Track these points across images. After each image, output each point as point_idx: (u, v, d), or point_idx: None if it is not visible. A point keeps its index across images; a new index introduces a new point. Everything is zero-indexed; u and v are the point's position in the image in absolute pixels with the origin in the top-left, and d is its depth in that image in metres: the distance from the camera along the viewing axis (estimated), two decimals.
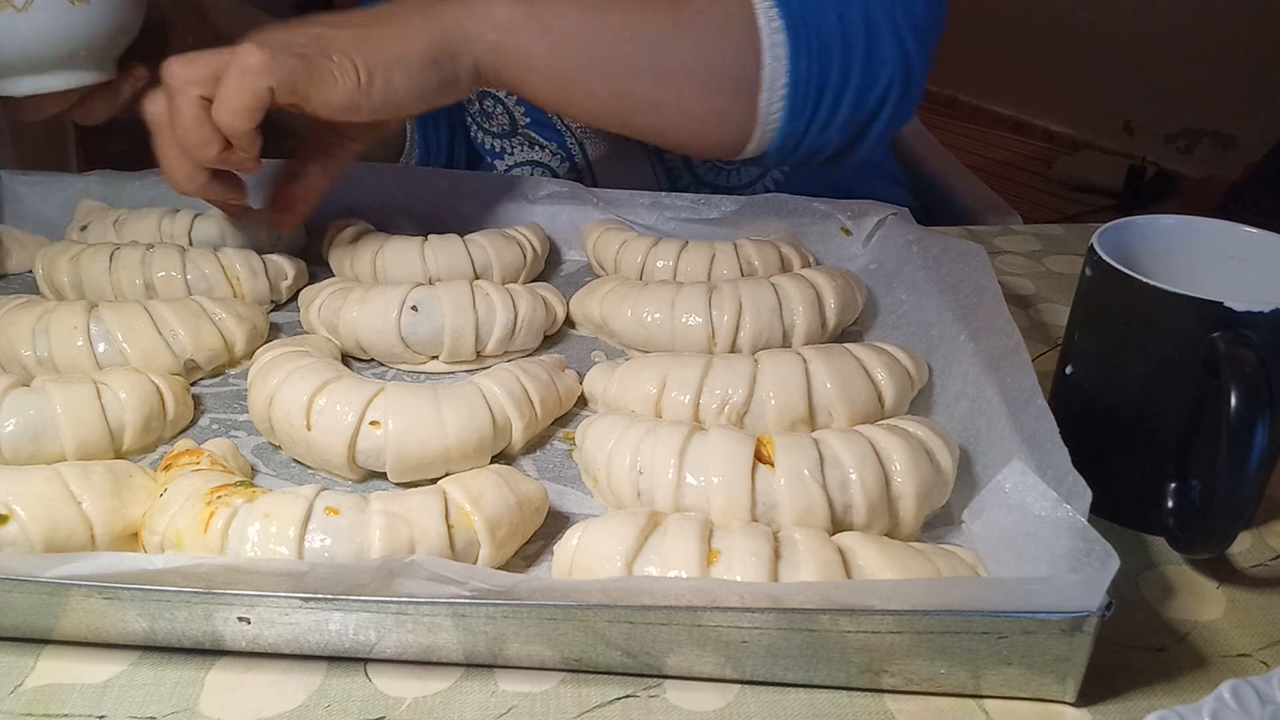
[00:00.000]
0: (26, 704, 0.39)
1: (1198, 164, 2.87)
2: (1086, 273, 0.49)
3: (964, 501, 0.47)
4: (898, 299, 0.64)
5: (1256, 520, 0.50)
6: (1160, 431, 0.47)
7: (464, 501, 0.44)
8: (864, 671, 0.39)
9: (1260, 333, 0.43)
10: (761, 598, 0.37)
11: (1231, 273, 0.50)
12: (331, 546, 0.42)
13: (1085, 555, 0.38)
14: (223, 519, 0.42)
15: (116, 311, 0.59)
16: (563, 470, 0.53)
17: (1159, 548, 0.49)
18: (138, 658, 0.42)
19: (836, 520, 0.45)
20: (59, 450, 0.51)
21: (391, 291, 0.61)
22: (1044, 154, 3.17)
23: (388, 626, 0.39)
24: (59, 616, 0.40)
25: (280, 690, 0.40)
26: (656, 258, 0.68)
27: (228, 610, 0.39)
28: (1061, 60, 3.16)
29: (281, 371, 0.53)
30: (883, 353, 0.55)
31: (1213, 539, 0.44)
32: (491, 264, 0.68)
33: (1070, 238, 0.83)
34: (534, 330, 0.63)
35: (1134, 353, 0.47)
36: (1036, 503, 0.41)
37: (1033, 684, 0.39)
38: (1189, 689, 0.41)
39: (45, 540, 0.43)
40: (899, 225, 0.69)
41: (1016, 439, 0.46)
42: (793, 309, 0.61)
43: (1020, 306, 0.71)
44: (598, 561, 0.41)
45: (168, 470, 0.47)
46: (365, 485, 0.52)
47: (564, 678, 0.41)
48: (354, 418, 0.50)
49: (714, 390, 0.53)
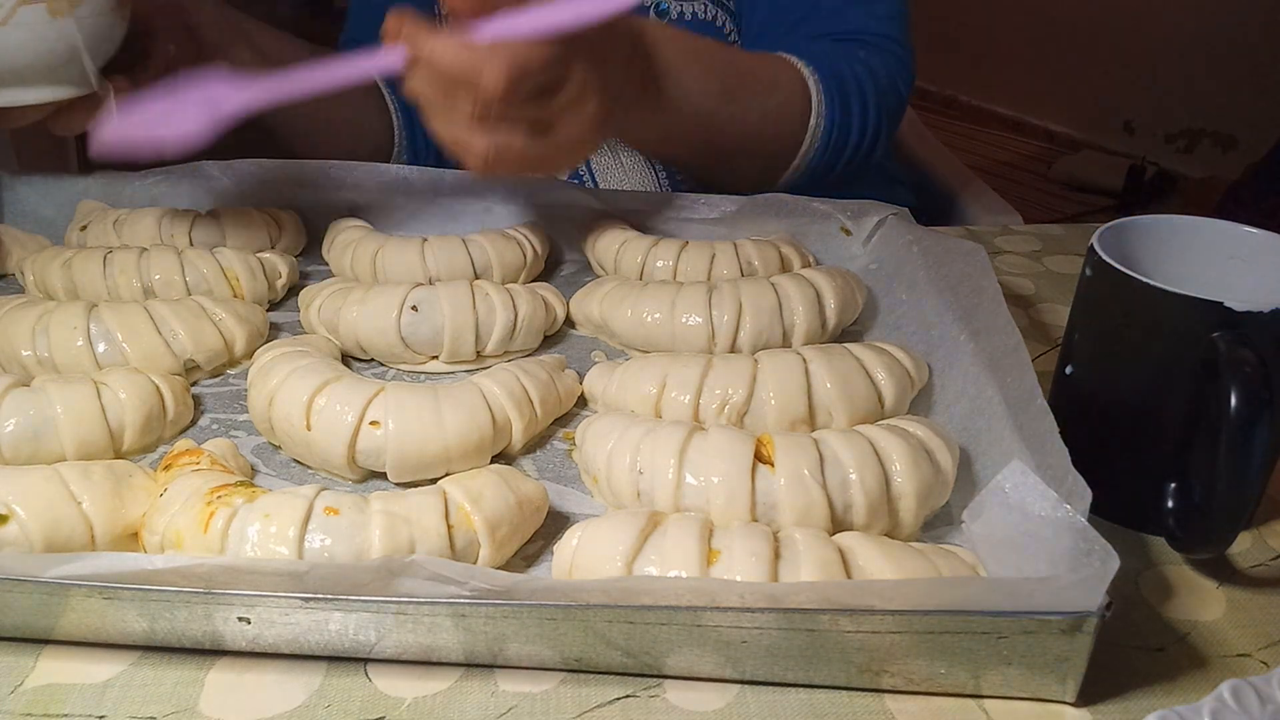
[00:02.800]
0: (26, 704, 0.39)
1: (1198, 164, 2.87)
2: (1086, 273, 0.49)
3: (964, 501, 0.47)
4: (898, 299, 0.64)
5: (1256, 520, 0.50)
6: (1160, 431, 0.47)
7: (464, 501, 0.44)
8: (864, 671, 0.39)
9: (1260, 333, 0.43)
10: (761, 598, 0.37)
11: (1231, 273, 0.50)
12: (331, 546, 0.42)
13: (1085, 555, 0.38)
14: (223, 519, 0.42)
15: (116, 311, 0.59)
16: (563, 470, 0.53)
17: (1159, 548, 0.49)
18: (138, 658, 0.42)
19: (836, 520, 0.45)
20: (59, 450, 0.51)
21: (391, 291, 0.61)
22: (1044, 154, 3.17)
23: (388, 626, 0.39)
24: (59, 616, 0.40)
25: (280, 690, 0.40)
26: (656, 258, 0.68)
27: (228, 610, 0.39)
28: (1061, 60, 3.16)
29: (281, 371, 0.53)
30: (883, 353, 0.55)
31: (1213, 539, 0.44)
32: (491, 264, 0.68)
33: (1070, 238, 0.83)
34: (534, 330, 0.63)
35: (1134, 353, 0.47)
36: (1036, 503, 0.41)
37: (1033, 684, 0.39)
38: (1189, 689, 0.41)
39: (45, 540, 0.43)
40: (899, 225, 0.69)
41: (1016, 439, 0.46)
42: (793, 309, 0.61)
43: (1020, 306, 0.71)
44: (598, 561, 0.41)
45: (168, 470, 0.47)
46: (365, 485, 0.52)
47: (564, 678, 0.41)
48: (354, 418, 0.50)
49: (714, 390, 0.53)
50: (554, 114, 0.57)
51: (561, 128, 0.58)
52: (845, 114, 0.78)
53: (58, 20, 0.59)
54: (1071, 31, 3.09)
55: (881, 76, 0.80)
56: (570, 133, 0.58)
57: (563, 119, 0.58)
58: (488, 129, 0.55)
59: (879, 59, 0.81)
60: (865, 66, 0.80)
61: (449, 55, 0.53)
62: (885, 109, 0.80)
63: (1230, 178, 2.34)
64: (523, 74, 0.53)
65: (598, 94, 0.58)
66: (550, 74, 0.55)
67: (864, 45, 0.81)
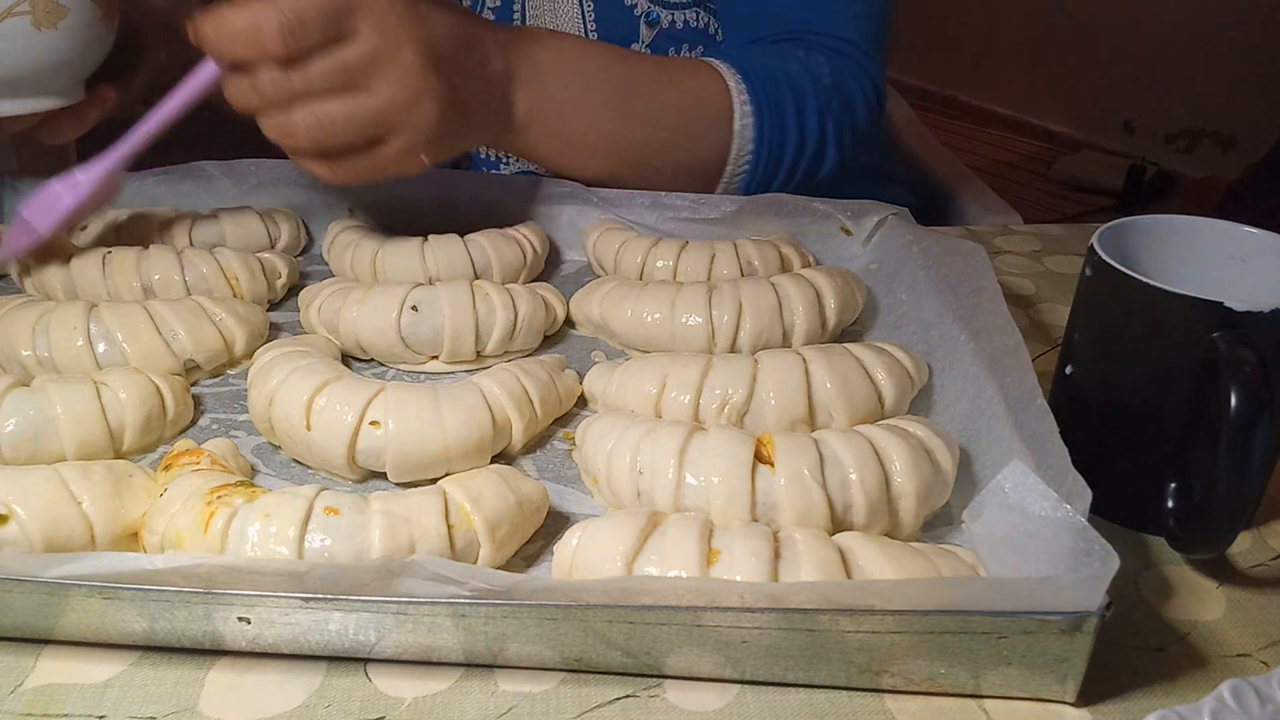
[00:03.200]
0: (26, 704, 0.39)
1: (1198, 164, 2.87)
2: (1086, 273, 0.49)
3: (964, 501, 0.47)
4: (898, 299, 0.64)
5: (1256, 520, 0.50)
6: (1160, 431, 0.47)
7: (464, 501, 0.44)
8: (864, 671, 0.39)
9: (1260, 333, 0.43)
10: (761, 598, 0.37)
11: (1231, 273, 0.50)
12: (331, 546, 0.42)
13: (1085, 555, 0.38)
14: (223, 519, 0.42)
15: (116, 311, 0.58)
16: (563, 470, 0.53)
17: (1159, 548, 0.49)
18: (138, 658, 0.42)
19: (836, 520, 0.45)
20: (59, 450, 0.51)
21: (391, 291, 0.61)
22: (1044, 154, 3.17)
23: (388, 626, 0.39)
24: (59, 616, 0.40)
25: (280, 690, 0.40)
26: (656, 258, 0.68)
27: (228, 610, 0.39)
28: (1061, 60, 3.15)
29: (281, 371, 0.53)
30: (883, 353, 0.55)
31: (1213, 539, 0.44)
32: (491, 264, 0.68)
33: (1070, 238, 0.83)
34: (534, 330, 0.63)
35: (1134, 353, 0.47)
36: (1036, 503, 0.41)
37: (1033, 684, 0.39)
38: (1189, 689, 0.41)
39: (45, 540, 0.43)
40: (899, 225, 0.69)
41: (1016, 439, 0.46)
42: (793, 309, 0.61)
43: (1020, 306, 0.71)
44: (598, 561, 0.41)
45: (168, 470, 0.47)
46: (365, 485, 0.52)
47: (564, 678, 0.41)
48: (354, 418, 0.50)
49: (714, 390, 0.53)
50: (358, 67, 0.56)
51: (377, 85, 0.57)
52: (778, 113, 0.74)
53: (43, 32, 0.58)
54: (1071, 31, 3.09)
55: (824, 75, 0.76)
56: (393, 93, 0.57)
57: (374, 74, 0.56)
58: (297, 97, 0.55)
59: (823, 57, 0.77)
60: (801, 65, 0.75)
61: (224, 21, 0.54)
62: (830, 115, 0.76)
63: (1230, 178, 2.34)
64: (297, 19, 0.53)
65: (411, 45, 0.57)
66: (329, 19, 0.54)
67: (805, 45, 0.77)
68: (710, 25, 0.83)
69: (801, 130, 0.75)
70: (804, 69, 0.75)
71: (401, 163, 0.61)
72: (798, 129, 0.75)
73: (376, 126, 0.58)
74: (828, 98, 0.76)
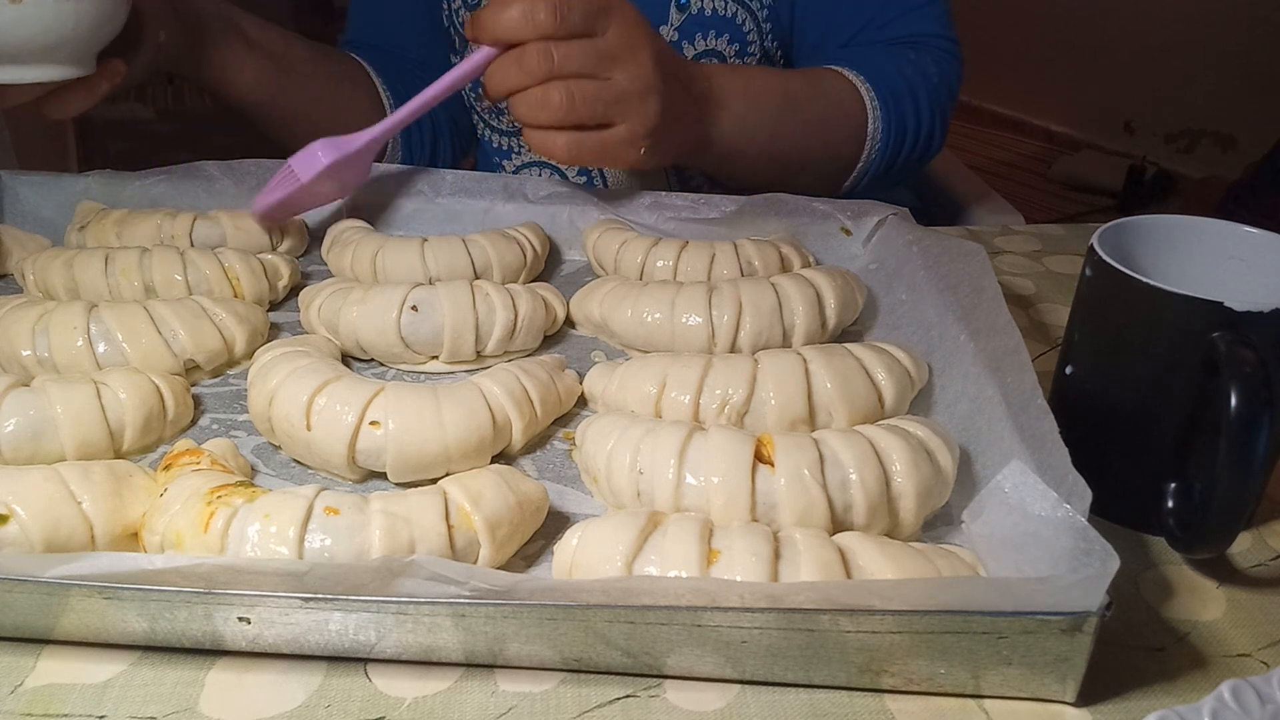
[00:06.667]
0: (26, 704, 0.39)
1: (1198, 164, 2.87)
2: (1086, 273, 0.49)
3: (964, 501, 0.47)
4: (898, 299, 0.64)
5: (1256, 520, 0.50)
6: (1160, 431, 0.47)
7: (464, 501, 0.44)
8: (864, 671, 0.39)
9: (1260, 333, 0.43)
10: (761, 598, 0.37)
11: (1231, 273, 0.50)
12: (331, 546, 0.42)
13: (1085, 555, 0.38)
14: (223, 519, 0.42)
15: (117, 311, 0.58)
16: (563, 470, 0.53)
17: (1159, 548, 0.49)
18: (138, 658, 0.42)
19: (836, 520, 0.45)
20: (59, 450, 0.51)
21: (391, 291, 0.61)
22: (1044, 154, 3.18)
23: (388, 626, 0.39)
24: (59, 616, 0.40)
25: (280, 690, 0.40)
26: (656, 258, 0.68)
27: (228, 610, 0.39)
28: (1061, 60, 3.16)
29: (281, 371, 0.53)
30: (883, 353, 0.55)
31: (1213, 539, 0.44)
32: (491, 264, 0.68)
33: (1070, 238, 0.83)
34: (534, 330, 0.63)
35: (1134, 353, 0.47)
36: (1036, 503, 0.41)
37: (1033, 684, 0.39)
38: (1189, 689, 0.41)
39: (45, 540, 0.43)
40: (899, 225, 0.69)
41: (1016, 439, 0.46)
42: (793, 309, 0.61)
43: (1020, 306, 0.71)
44: (598, 561, 0.41)
45: (168, 470, 0.47)
46: (365, 485, 0.52)
47: (564, 678, 0.41)
48: (354, 418, 0.50)
49: (714, 390, 0.53)
50: (607, 56, 0.65)
51: (618, 75, 0.66)
52: (900, 117, 0.83)
53: (69, 2, 0.60)
54: (1071, 31, 3.09)
55: (933, 75, 0.85)
56: (630, 83, 0.66)
57: (616, 66, 0.65)
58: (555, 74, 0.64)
59: (929, 57, 0.86)
60: (916, 67, 0.84)
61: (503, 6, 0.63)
62: (938, 107, 0.85)
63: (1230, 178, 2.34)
64: (566, 4, 0.63)
65: (647, 51, 0.66)
66: (589, 13, 0.64)
67: (914, 46, 0.86)
68: (739, 16, 0.87)
69: (917, 127, 0.85)
70: (916, 70, 0.85)
71: (624, 148, 0.68)
72: (915, 126, 0.84)
73: (613, 109, 0.66)
74: (935, 93, 0.85)
